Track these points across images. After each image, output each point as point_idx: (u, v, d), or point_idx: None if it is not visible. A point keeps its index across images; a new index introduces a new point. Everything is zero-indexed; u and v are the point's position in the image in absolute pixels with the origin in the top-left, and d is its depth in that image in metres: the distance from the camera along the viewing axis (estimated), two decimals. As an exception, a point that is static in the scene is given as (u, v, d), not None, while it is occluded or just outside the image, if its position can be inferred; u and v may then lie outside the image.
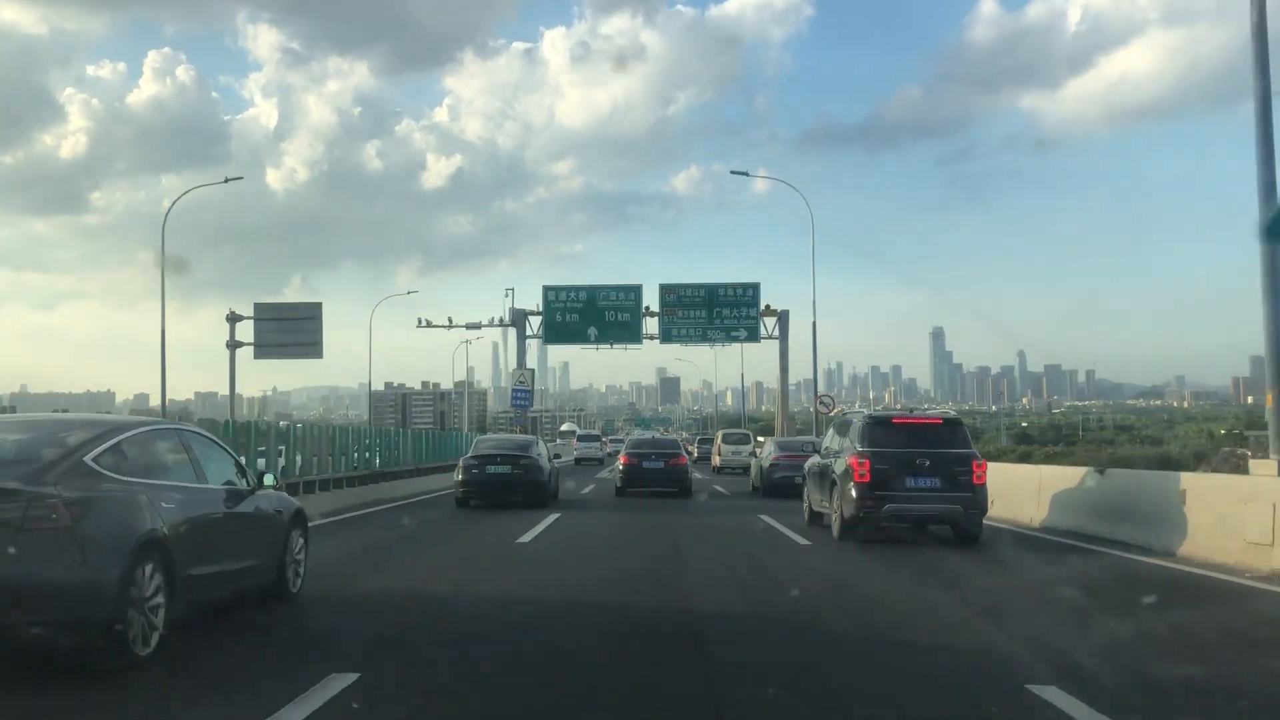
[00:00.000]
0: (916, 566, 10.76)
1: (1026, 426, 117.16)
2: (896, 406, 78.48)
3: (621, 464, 23.00)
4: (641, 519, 16.53)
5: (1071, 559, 11.12)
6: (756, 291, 44.27)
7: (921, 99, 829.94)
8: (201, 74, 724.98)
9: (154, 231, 31.60)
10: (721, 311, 44.04)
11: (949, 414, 14.29)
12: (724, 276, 46.33)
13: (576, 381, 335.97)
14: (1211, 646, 6.65)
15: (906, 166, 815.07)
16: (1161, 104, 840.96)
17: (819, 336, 35.52)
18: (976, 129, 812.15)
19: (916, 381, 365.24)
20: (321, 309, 36.02)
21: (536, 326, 45.04)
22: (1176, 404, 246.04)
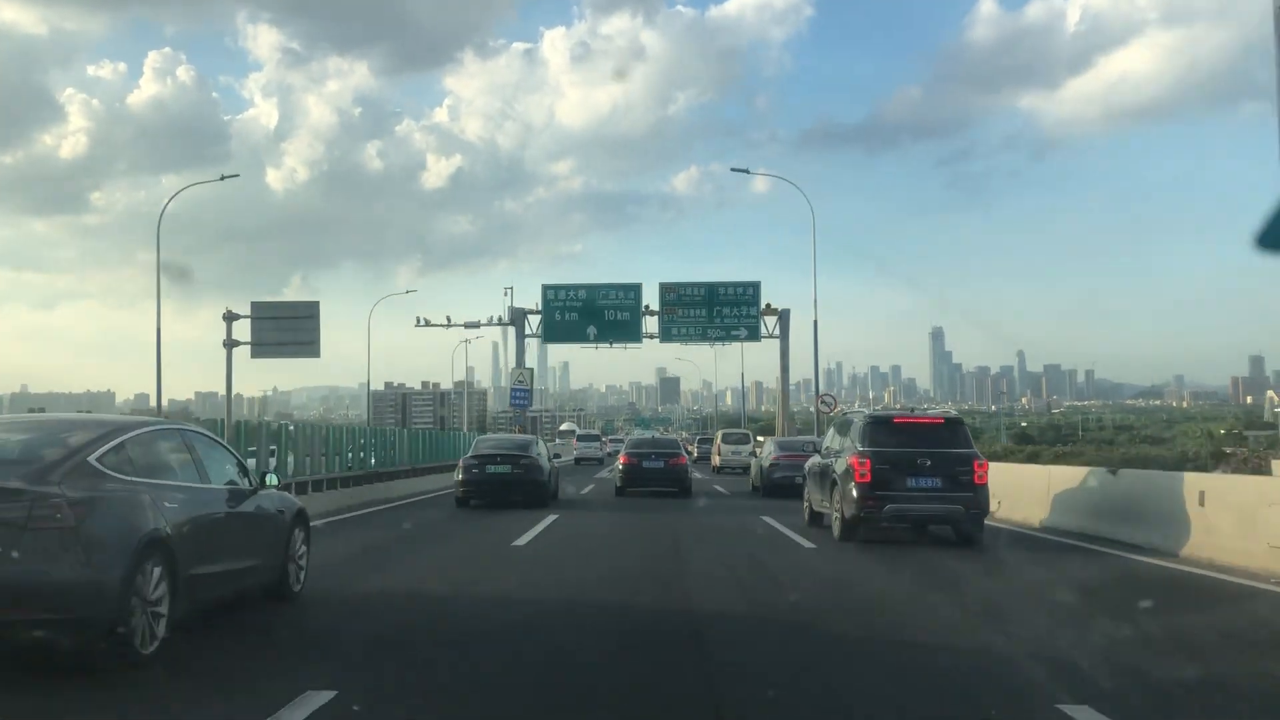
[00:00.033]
0: (922, 568, 10.64)
1: (1026, 426, 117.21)
2: (896, 406, 78.48)
3: (621, 464, 23.03)
4: (641, 518, 16.55)
5: (1085, 562, 10.84)
6: (757, 290, 43.80)
7: (921, 99, 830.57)
8: (201, 74, 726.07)
9: (154, 231, 31.53)
10: (722, 310, 43.61)
11: (950, 413, 14.22)
12: (724, 276, 45.86)
13: (576, 381, 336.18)
14: (1241, 654, 6.40)
15: (906, 167, 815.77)
16: (1161, 104, 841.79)
17: (819, 336, 34.84)
18: (976, 129, 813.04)
19: (916, 381, 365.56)
20: (319, 308, 35.66)
21: (535, 325, 44.75)
22: (1176, 404, 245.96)
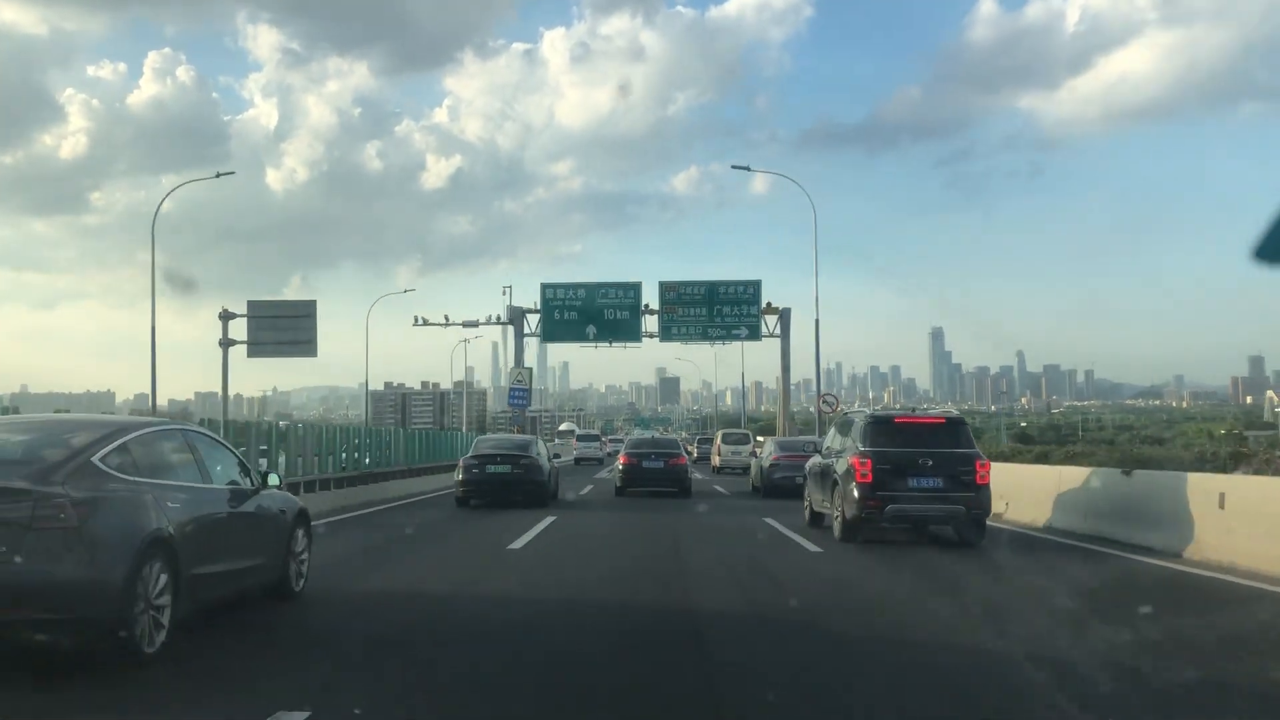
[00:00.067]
0: (924, 569, 10.52)
1: (1026, 426, 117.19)
2: (896, 407, 78.51)
3: (621, 464, 23.07)
4: (641, 518, 16.57)
5: (1098, 565, 10.50)
6: (758, 289, 43.35)
7: (921, 99, 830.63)
8: (201, 74, 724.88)
9: (155, 231, 31.46)
10: (722, 309, 43.21)
11: (952, 413, 14.15)
12: (724, 276, 45.27)
13: (576, 381, 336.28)
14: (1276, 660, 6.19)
15: (906, 167, 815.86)
16: (1160, 104, 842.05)
17: (817, 338, 34.15)
18: (976, 129, 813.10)
19: (915, 382, 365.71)
20: (315, 306, 35.30)
21: (534, 325, 44.38)
22: (1175, 404, 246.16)
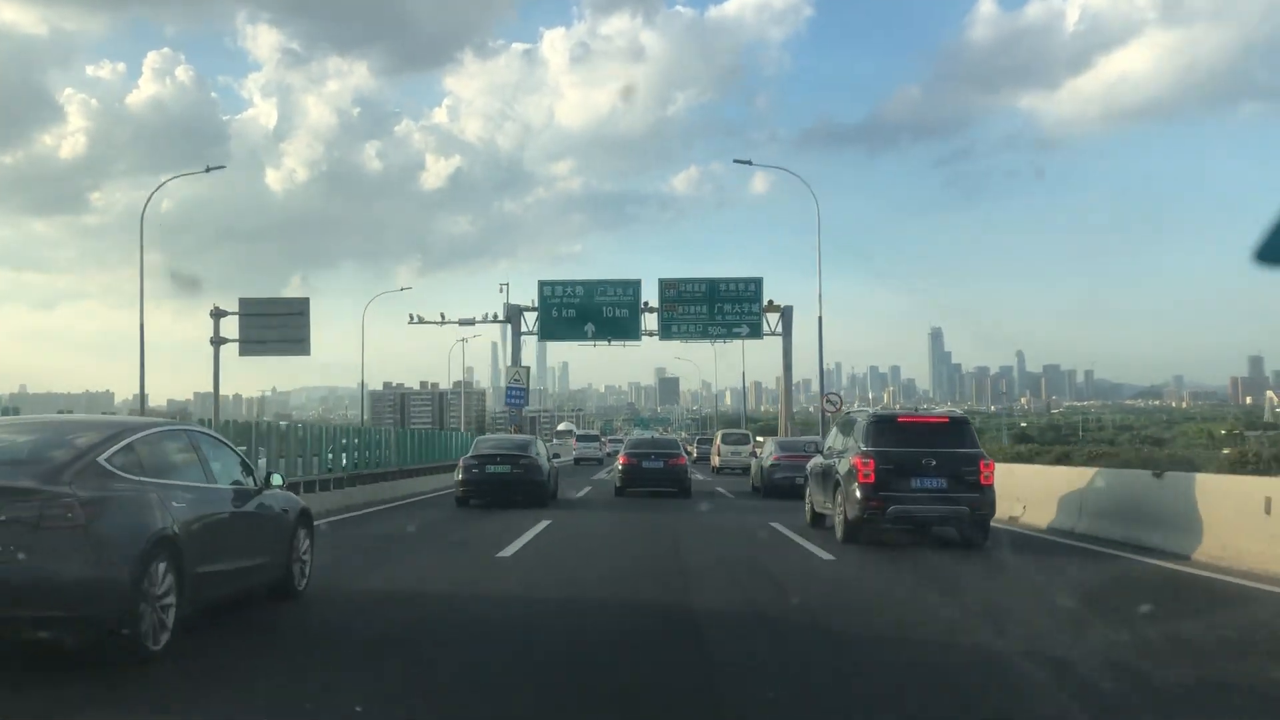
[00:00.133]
0: (926, 571, 10.44)
1: (1026, 427, 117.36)
2: (896, 407, 78.36)
3: (621, 464, 23.08)
4: (641, 518, 16.59)
5: (1129, 574, 9.98)
6: (759, 287, 42.61)
7: (921, 99, 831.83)
8: (201, 74, 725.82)
9: (154, 231, 31.61)
10: (723, 307, 42.47)
11: (955, 413, 14.05)
12: (725, 274, 44.81)
13: (575, 381, 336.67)
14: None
15: (906, 166, 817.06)
16: (1160, 104, 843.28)
17: (820, 336, 32.86)
18: (976, 129, 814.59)
19: (915, 382, 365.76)
20: (309, 304, 34.70)
21: (532, 323, 43.61)
22: (1175, 404, 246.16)
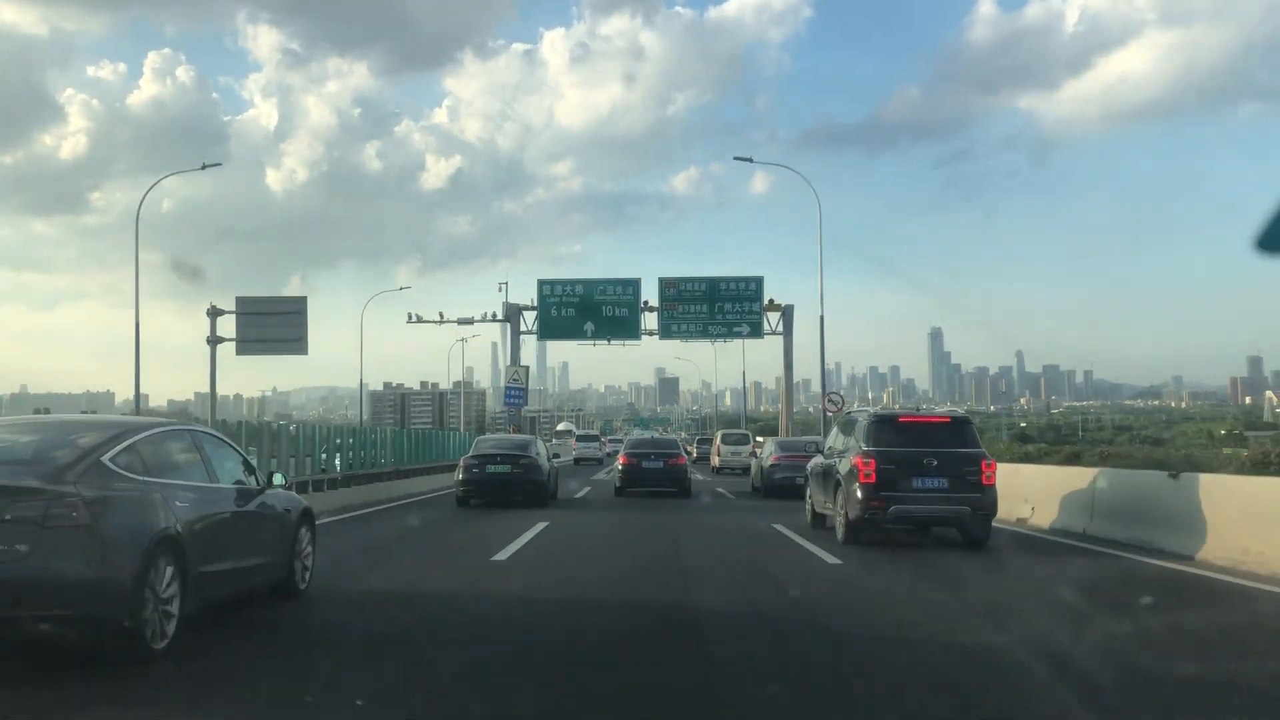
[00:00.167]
0: (929, 573, 10.38)
1: (1025, 427, 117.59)
2: (895, 407, 78.30)
3: (621, 464, 23.09)
4: (641, 518, 16.61)
5: (1145, 575, 9.69)
6: (760, 285, 42.41)
7: (921, 99, 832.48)
8: (201, 74, 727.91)
9: (154, 231, 32.07)
10: (723, 306, 42.29)
11: (957, 412, 14.00)
12: (725, 274, 44.47)
13: (575, 382, 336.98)
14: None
15: (906, 167, 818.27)
16: (1160, 104, 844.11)
17: (821, 335, 32.51)
18: (976, 129, 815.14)
19: (915, 382, 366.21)
20: (306, 303, 34.28)
21: (531, 322, 43.44)
22: (1174, 404, 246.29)
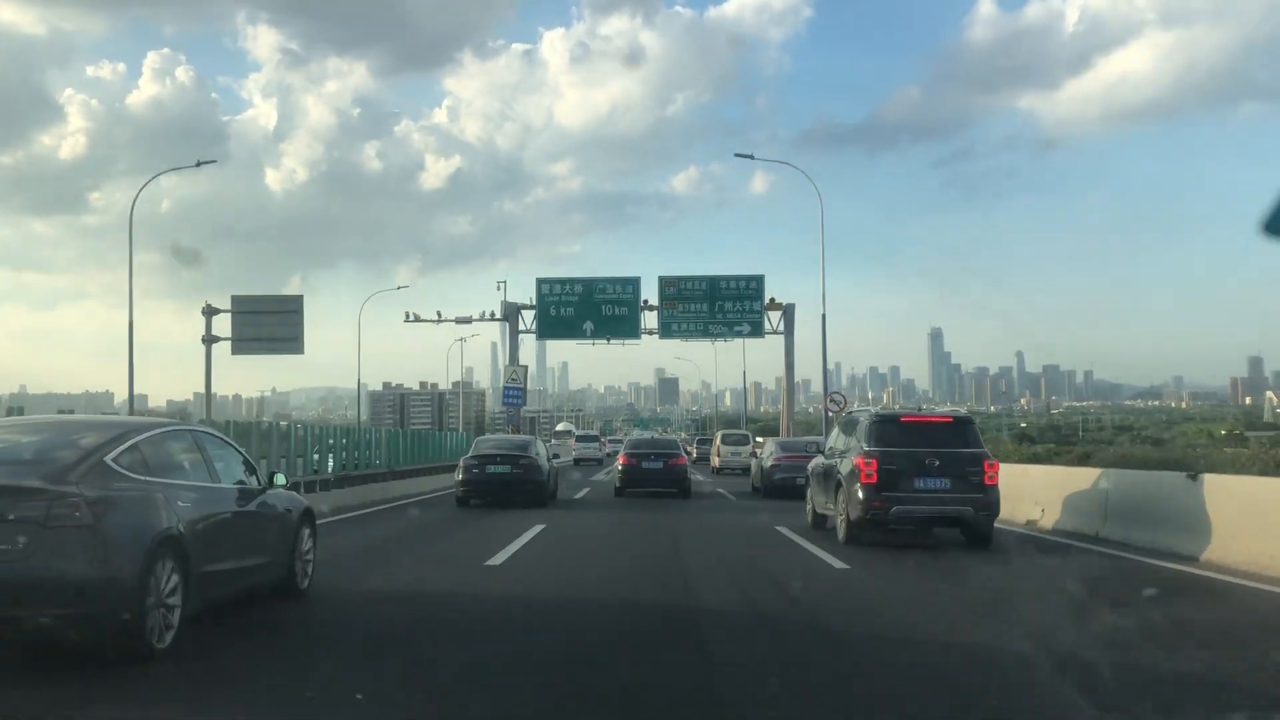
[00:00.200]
0: (931, 574, 10.37)
1: (1025, 427, 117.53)
2: (895, 407, 78.24)
3: (620, 464, 23.06)
4: (641, 518, 16.62)
5: (1154, 578, 9.37)
6: (760, 284, 42.15)
7: (921, 99, 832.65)
8: (201, 75, 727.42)
9: (153, 232, 31.86)
10: (724, 305, 42.04)
11: (959, 412, 13.97)
12: (725, 273, 44.21)
13: (575, 382, 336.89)
14: None
15: (906, 167, 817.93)
16: (1160, 104, 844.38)
17: (824, 334, 32.15)
18: (976, 129, 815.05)
19: (915, 382, 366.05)
20: (302, 302, 33.71)
21: (530, 321, 43.19)
22: (1175, 404, 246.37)
